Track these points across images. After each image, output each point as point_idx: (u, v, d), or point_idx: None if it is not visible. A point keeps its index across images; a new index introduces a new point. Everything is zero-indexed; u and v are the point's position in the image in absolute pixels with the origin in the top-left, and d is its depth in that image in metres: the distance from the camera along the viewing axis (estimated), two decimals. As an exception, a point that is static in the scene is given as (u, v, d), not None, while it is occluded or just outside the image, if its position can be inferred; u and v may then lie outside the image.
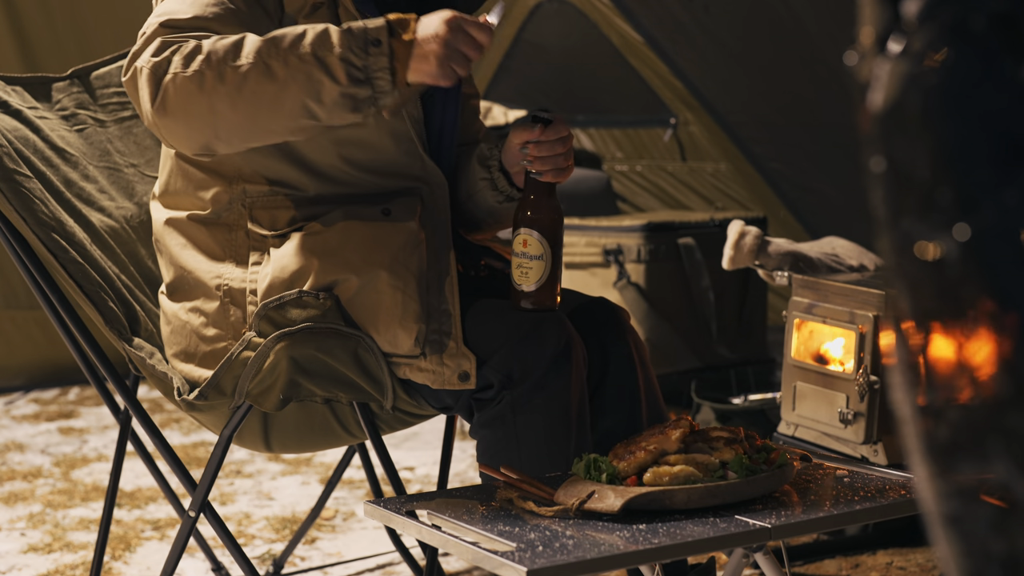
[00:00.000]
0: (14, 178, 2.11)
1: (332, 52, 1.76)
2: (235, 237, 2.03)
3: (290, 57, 1.77)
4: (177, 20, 1.86)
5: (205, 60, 1.79)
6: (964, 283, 0.72)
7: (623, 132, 5.44)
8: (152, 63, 1.82)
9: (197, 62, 1.79)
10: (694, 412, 3.61)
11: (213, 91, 1.79)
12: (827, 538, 2.93)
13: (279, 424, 2.09)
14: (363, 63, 1.75)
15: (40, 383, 4.68)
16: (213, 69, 1.79)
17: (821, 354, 2.79)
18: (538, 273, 1.99)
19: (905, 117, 0.74)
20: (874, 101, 0.76)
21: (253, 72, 1.78)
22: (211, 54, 1.80)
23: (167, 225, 2.09)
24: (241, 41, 1.80)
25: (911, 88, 0.74)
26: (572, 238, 4.19)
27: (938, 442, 0.76)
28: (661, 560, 1.61)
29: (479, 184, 2.11)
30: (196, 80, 1.79)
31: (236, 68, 1.78)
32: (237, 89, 1.79)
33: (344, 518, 3.23)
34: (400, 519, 1.68)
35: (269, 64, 1.77)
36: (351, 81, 1.76)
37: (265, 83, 1.78)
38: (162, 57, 1.82)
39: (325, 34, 1.78)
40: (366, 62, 1.75)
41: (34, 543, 3.05)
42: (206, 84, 1.79)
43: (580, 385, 1.94)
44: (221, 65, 1.78)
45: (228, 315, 2.03)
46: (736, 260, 2.88)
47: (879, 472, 1.86)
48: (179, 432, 4.07)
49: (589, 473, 1.70)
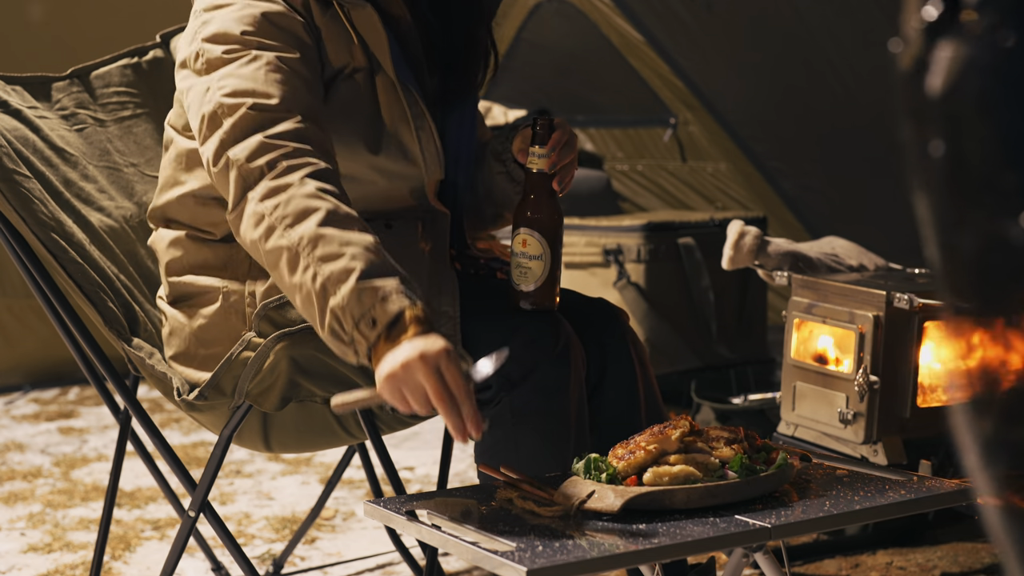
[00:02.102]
0: (13, 178, 2.11)
1: (332, 299, 1.70)
2: (236, 253, 2.04)
3: (310, 267, 1.72)
4: (266, 105, 1.83)
5: (275, 207, 1.76)
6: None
7: (623, 132, 5.44)
8: (245, 170, 1.80)
9: (271, 203, 1.76)
10: (694, 412, 3.61)
11: (260, 239, 1.78)
12: (827, 538, 2.93)
13: (279, 424, 2.09)
14: (349, 332, 1.69)
15: (40, 383, 4.67)
16: (270, 222, 1.76)
17: (821, 354, 2.79)
18: (537, 273, 1.98)
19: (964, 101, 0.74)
20: (932, 85, 0.75)
21: (284, 254, 1.74)
22: (281, 205, 1.76)
23: (170, 245, 2.09)
24: (311, 212, 1.75)
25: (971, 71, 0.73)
26: (572, 238, 4.19)
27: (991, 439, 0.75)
28: (661, 560, 1.61)
29: (496, 179, 2.13)
30: (256, 221, 1.78)
31: (280, 237, 1.75)
32: (268, 258, 1.78)
33: (344, 518, 3.23)
34: (400, 519, 1.68)
35: (297, 256, 1.73)
36: (332, 334, 1.72)
37: (284, 270, 1.75)
38: (255, 166, 1.79)
39: (345, 274, 1.70)
40: (352, 334, 1.69)
41: (34, 543, 3.04)
42: (259, 232, 1.77)
43: (579, 386, 1.94)
44: (276, 224, 1.76)
45: (228, 318, 2.03)
46: (736, 260, 2.88)
47: (879, 472, 1.86)
48: (179, 432, 4.07)
49: (589, 473, 1.70)
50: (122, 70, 2.46)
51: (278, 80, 1.86)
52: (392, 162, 1.99)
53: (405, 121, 1.98)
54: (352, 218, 1.76)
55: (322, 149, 1.84)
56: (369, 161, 1.98)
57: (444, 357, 1.63)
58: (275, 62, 1.88)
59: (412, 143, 1.99)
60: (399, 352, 1.64)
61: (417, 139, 1.99)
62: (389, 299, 1.67)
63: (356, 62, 1.97)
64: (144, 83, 2.47)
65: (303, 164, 1.79)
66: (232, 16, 1.92)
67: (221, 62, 1.89)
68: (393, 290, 1.68)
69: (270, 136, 1.81)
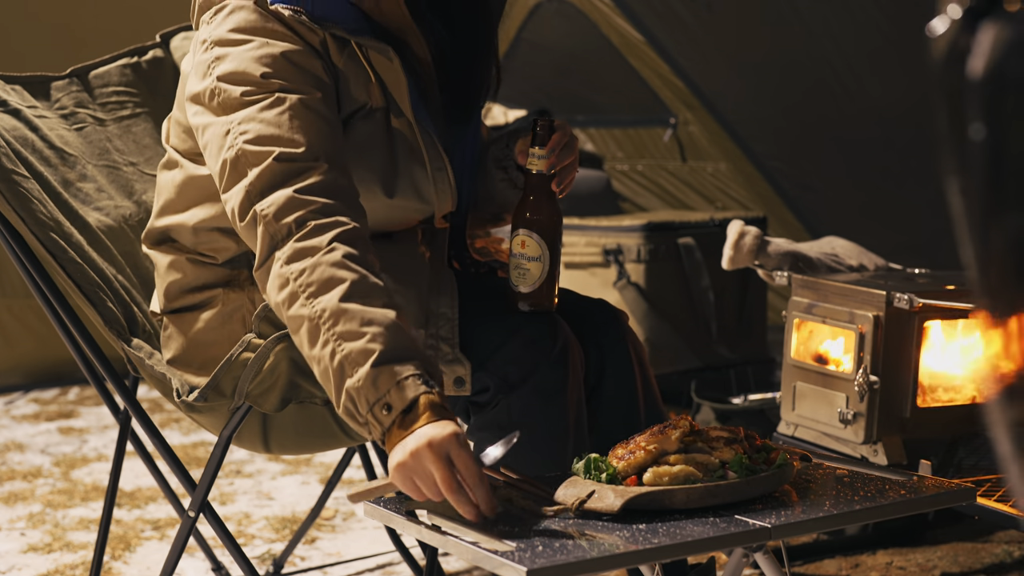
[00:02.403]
0: (12, 178, 2.11)
1: (348, 381, 1.68)
2: (238, 275, 2.04)
3: (330, 344, 1.69)
4: (293, 154, 1.80)
5: (300, 273, 1.73)
6: None
7: (623, 132, 5.44)
8: (273, 228, 1.77)
9: (297, 268, 1.73)
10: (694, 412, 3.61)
11: (282, 307, 1.76)
12: (827, 538, 2.93)
13: (278, 426, 2.09)
14: (364, 414, 1.67)
15: (40, 383, 4.68)
16: (294, 289, 1.73)
17: (821, 354, 2.79)
18: (536, 275, 1.98)
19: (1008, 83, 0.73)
20: (974, 67, 0.74)
21: (306, 324, 1.72)
22: (306, 271, 1.73)
23: (170, 267, 2.07)
24: (335, 283, 1.72)
25: (1014, 54, 0.73)
26: (572, 238, 4.19)
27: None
28: (661, 560, 1.61)
29: (499, 185, 2.13)
30: (281, 284, 1.75)
31: (302, 306, 1.72)
32: (290, 323, 1.76)
33: (344, 518, 3.23)
34: (400, 519, 1.68)
35: (318, 330, 1.70)
36: (347, 413, 1.70)
37: (304, 340, 1.73)
38: (283, 224, 1.76)
39: (364, 356, 1.67)
40: (367, 417, 1.67)
41: (34, 543, 3.04)
42: (283, 296, 1.75)
43: (577, 387, 1.94)
44: (299, 292, 1.73)
45: (227, 322, 2.04)
46: (736, 260, 2.88)
47: (879, 472, 1.86)
48: (179, 432, 4.07)
49: (589, 473, 1.70)
50: (121, 70, 2.46)
51: (303, 125, 1.82)
52: (406, 201, 1.97)
53: (421, 164, 1.95)
54: (377, 289, 1.72)
55: (350, 201, 1.81)
56: (382, 201, 1.95)
57: (453, 443, 1.61)
58: (298, 105, 1.83)
59: (427, 185, 1.96)
60: (409, 441, 1.62)
61: (432, 180, 1.96)
62: (405, 385, 1.64)
63: (373, 102, 1.93)
64: (144, 83, 2.47)
65: (332, 224, 1.76)
66: (250, 55, 1.87)
67: (239, 104, 1.85)
68: (411, 375, 1.65)
69: (299, 190, 1.77)
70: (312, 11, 1.89)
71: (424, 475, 1.62)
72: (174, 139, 2.06)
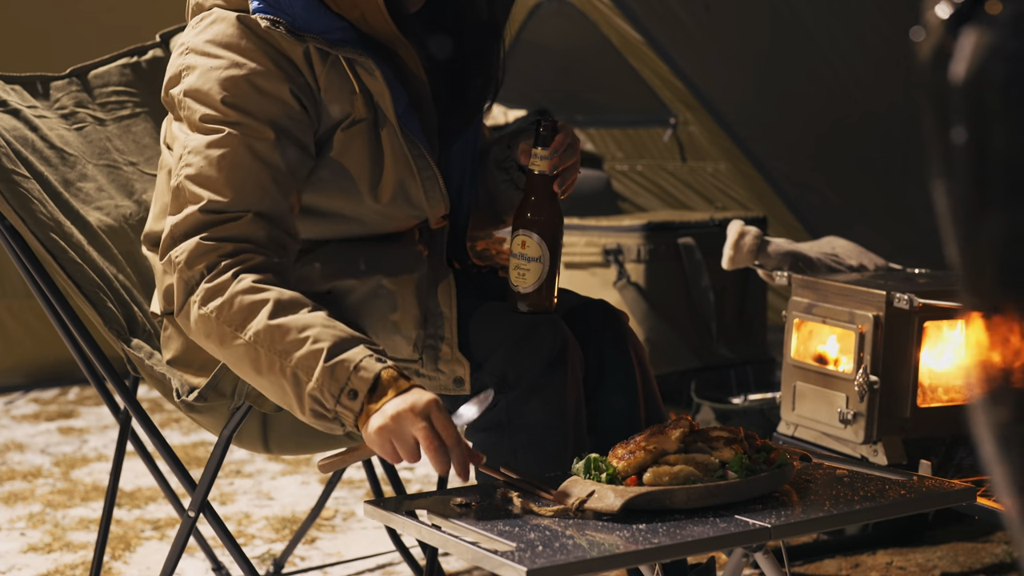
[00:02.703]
0: (12, 178, 2.11)
1: (306, 385, 1.73)
2: None
3: (275, 361, 1.75)
4: (217, 205, 1.83)
5: (218, 310, 1.78)
6: None
7: (623, 132, 5.44)
8: (186, 275, 1.82)
9: (214, 306, 1.79)
10: (694, 412, 3.61)
11: (215, 347, 1.82)
12: (827, 538, 2.93)
13: (278, 426, 2.09)
14: (332, 408, 1.72)
15: (40, 383, 4.67)
16: (220, 327, 1.79)
17: (821, 354, 2.79)
18: (535, 275, 1.98)
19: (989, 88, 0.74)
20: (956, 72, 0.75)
21: (245, 353, 1.77)
22: (224, 307, 1.78)
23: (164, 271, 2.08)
24: (257, 307, 1.77)
25: (995, 58, 0.73)
26: (572, 238, 4.19)
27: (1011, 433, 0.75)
28: (661, 560, 1.61)
29: (500, 187, 2.12)
30: (205, 326, 1.81)
31: (234, 339, 1.78)
32: (229, 359, 1.81)
33: (344, 518, 3.23)
34: (400, 519, 1.68)
35: (259, 353, 1.76)
36: (315, 415, 1.75)
37: (248, 370, 1.79)
38: (195, 271, 1.81)
39: (313, 358, 1.72)
40: (335, 409, 1.72)
41: (34, 543, 3.04)
42: (212, 336, 1.81)
43: (576, 387, 1.94)
44: (226, 328, 1.78)
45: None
46: (736, 260, 2.88)
47: (879, 472, 1.86)
48: (179, 432, 4.07)
49: (589, 473, 1.70)
50: (121, 69, 2.46)
51: (240, 175, 1.84)
52: (397, 209, 1.97)
53: (410, 171, 1.95)
54: (296, 300, 1.78)
55: (265, 243, 1.84)
56: (373, 208, 1.96)
57: (433, 407, 1.68)
58: (242, 150, 1.85)
59: (417, 192, 1.97)
60: (388, 407, 1.68)
61: (423, 188, 1.97)
62: (362, 367, 1.71)
63: (356, 113, 1.93)
64: (143, 82, 2.47)
65: (239, 261, 1.81)
66: (215, 75, 1.88)
67: (197, 127, 1.88)
68: (363, 357, 1.71)
69: (208, 237, 1.82)
70: (294, 22, 1.89)
71: (403, 436, 1.68)
72: (169, 137, 2.06)
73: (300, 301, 1.78)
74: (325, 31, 1.90)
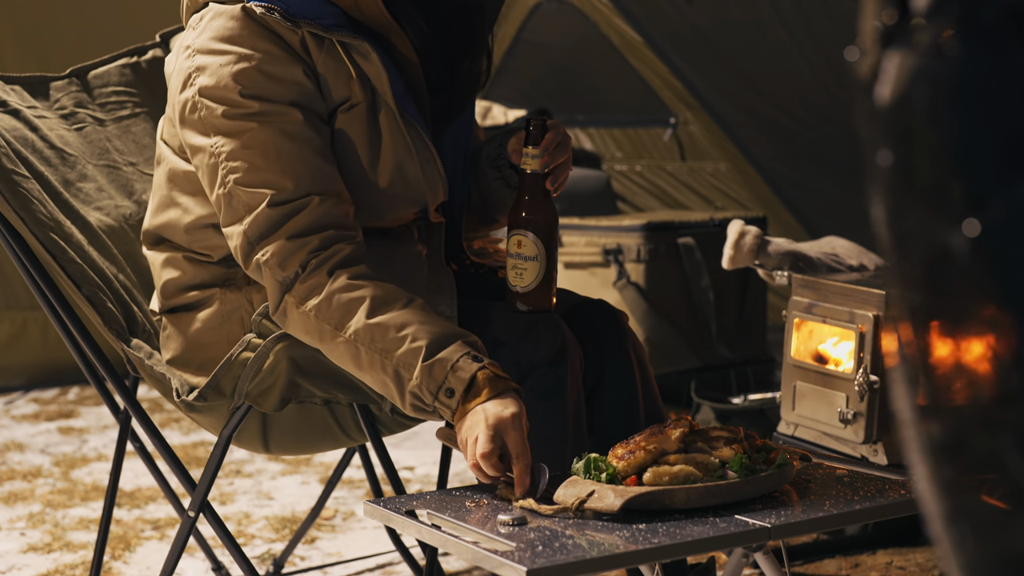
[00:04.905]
0: (12, 178, 2.11)
1: (408, 382, 1.80)
2: (235, 272, 2.04)
3: (376, 359, 1.81)
4: (283, 198, 1.87)
5: (317, 309, 1.85)
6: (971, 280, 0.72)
7: (623, 132, 5.44)
8: (280, 276, 1.87)
9: (312, 305, 1.85)
10: (694, 412, 3.61)
11: (315, 343, 1.88)
12: (827, 538, 2.92)
13: (278, 426, 2.09)
14: (431, 404, 1.80)
15: (40, 383, 4.67)
16: (320, 325, 1.85)
17: (821, 354, 2.79)
18: (533, 274, 1.98)
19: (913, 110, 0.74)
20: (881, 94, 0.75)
21: (346, 350, 1.84)
22: (323, 306, 1.84)
23: (166, 265, 2.08)
24: (355, 305, 1.83)
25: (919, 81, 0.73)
26: (572, 238, 4.19)
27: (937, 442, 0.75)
28: (661, 560, 1.61)
29: (493, 184, 2.13)
30: (304, 324, 1.87)
31: (335, 337, 1.84)
32: (330, 354, 1.88)
33: (344, 518, 3.23)
34: (400, 519, 1.68)
35: (359, 351, 1.83)
36: (415, 409, 1.83)
37: (350, 364, 1.86)
38: (288, 271, 1.87)
39: (413, 356, 1.79)
40: (434, 406, 1.80)
41: (34, 543, 3.04)
42: (311, 333, 1.87)
43: (576, 387, 1.94)
44: (325, 326, 1.85)
45: (226, 322, 2.03)
46: (736, 260, 2.88)
47: (879, 472, 1.86)
48: (179, 432, 4.07)
49: (589, 473, 1.70)
50: (121, 69, 2.46)
51: (288, 162, 1.88)
52: (396, 192, 1.99)
53: (409, 153, 1.97)
54: (392, 292, 1.85)
55: (343, 221, 1.90)
56: (372, 191, 1.97)
57: (508, 424, 1.75)
58: (278, 137, 1.89)
59: (416, 174, 1.98)
60: (478, 411, 1.76)
61: (421, 170, 1.98)
62: (458, 367, 1.77)
63: (355, 97, 1.94)
64: (143, 82, 2.47)
65: (330, 255, 1.86)
66: (228, 70, 1.89)
67: (221, 124, 1.90)
68: (460, 356, 1.78)
69: (293, 235, 1.86)
70: (288, 9, 1.91)
71: (470, 440, 1.76)
72: (166, 134, 2.07)
73: (395, 295, 1.85)
74: (319, 17, 1.93)
